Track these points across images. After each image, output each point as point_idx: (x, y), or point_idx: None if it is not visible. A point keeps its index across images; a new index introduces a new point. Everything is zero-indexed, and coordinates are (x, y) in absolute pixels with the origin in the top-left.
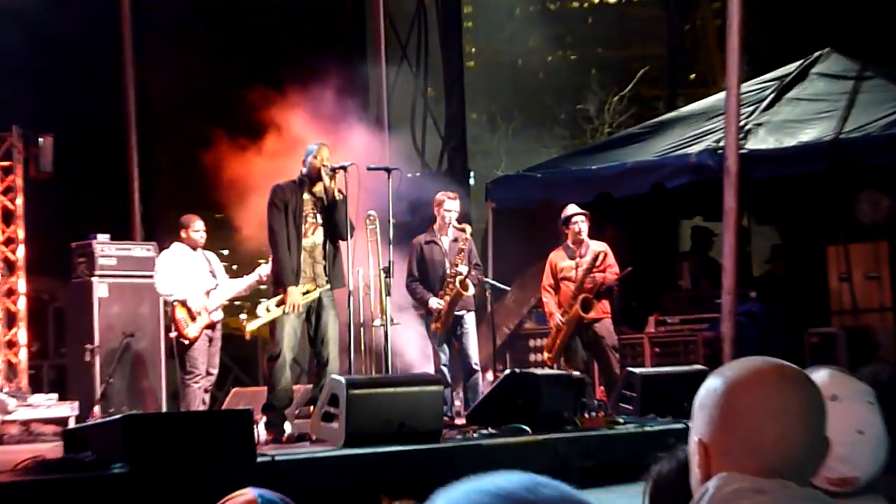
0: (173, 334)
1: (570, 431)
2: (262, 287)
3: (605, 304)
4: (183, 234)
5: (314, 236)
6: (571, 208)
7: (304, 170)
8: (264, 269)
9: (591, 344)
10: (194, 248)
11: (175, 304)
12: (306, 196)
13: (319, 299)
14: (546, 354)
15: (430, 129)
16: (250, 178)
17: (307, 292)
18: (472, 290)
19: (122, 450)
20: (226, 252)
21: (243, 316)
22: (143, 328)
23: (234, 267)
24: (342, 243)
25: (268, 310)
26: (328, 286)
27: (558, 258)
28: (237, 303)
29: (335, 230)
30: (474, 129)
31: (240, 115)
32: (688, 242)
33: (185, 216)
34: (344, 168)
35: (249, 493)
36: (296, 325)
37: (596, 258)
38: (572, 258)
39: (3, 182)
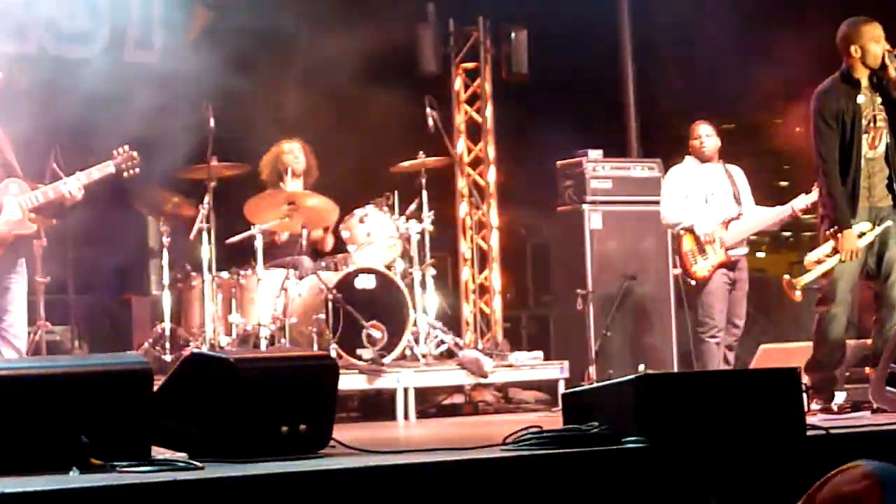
0: (677, 271)
1: None
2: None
3: None
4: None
5: (880, 146)
6: None
7: (854, 59)
8: (801, 202)
9: None
10: (702, 161)
11: (682, 233)
12: (862, 97)
13: (883, 225)
14: None
15: None
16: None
17: (863, 234)
18: None
19: (636, 419)
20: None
21: (761, 254)
22: (647, 268)
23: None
24: None
25: (819, 261)
26: (892, 209)
27: None
28: (752, 237)
29: None
30: None
31: None
32: None
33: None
34: None
35: (864, 465)
36: (854, 262)
37: None
38: None
39: (468, 88)
